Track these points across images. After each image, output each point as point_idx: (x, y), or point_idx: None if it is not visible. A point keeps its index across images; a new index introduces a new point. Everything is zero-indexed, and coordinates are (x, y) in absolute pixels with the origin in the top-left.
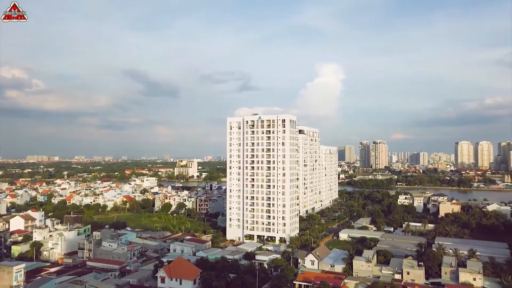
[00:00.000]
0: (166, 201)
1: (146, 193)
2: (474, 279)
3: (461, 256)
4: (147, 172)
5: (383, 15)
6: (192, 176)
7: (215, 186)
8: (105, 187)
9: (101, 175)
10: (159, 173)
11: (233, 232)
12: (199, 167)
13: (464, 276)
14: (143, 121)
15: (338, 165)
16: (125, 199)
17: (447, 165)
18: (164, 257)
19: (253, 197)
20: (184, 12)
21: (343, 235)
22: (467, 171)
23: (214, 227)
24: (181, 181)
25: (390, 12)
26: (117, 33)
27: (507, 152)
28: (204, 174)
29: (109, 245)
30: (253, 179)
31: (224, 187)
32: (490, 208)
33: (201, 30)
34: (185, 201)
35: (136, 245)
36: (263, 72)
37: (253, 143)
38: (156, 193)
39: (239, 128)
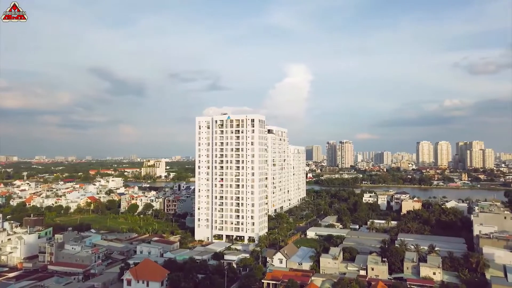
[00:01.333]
0: (133, 202)
1: (111, 194)
2: (434, 274)
3: (422, 251)
4: (113, 172)
5: (350, 18)
6: (160, 176)
7: (183, 186)
8: (68, 188)
9: (64, 175)
10: (126, 173)
11: (201, 232)
12: (167, 167)
13: (425, 271)
14: (108, 120)
15: (306, 165)
16: (89, 201)
17: (409, 164)
18: (131, 259)
19: (222, 196)
20: (152, 9)
21: (311, 233)
22: (428, 169)
23: (183, 228)
24: (149, 181)
25: (357, 15)
26: (82, 29)
27: (464, 151)
28: (172, 174)
29: (72, 248)
30: (222, 179)
31: (192, 187)
32: (449, 205)
33: (170, 28)
34: (153, 201)
35: (101, 247)
36: (233, 72)
37: (222, 143)
38: (122, 193)
39: (208, 128)
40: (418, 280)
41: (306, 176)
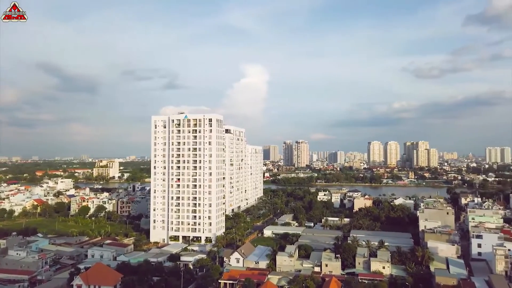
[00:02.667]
0: (84, 204)
1: (60, 196)
2: (384, 268)
3: (372, 247)
4: (62, 173)
5: (305, 21)
6: (113, 177)
7: (138, 187)
8: (11, 190)
9: (7, 177)
10: (76, 174)
11: (157, 234)
12: (121, 168)
13: (375, 265)
14: (57, 118)
15: (263, 164)
16: (35, 203)
17: (361, 163)
18: (81, 263)
19: (179, 197)
20: (103, 3)
21: (267, 232)
22: (378, 168)
23: (137, 230)
24: (101, 182)
25: (313, 18)
26: (30, 21)
27: (411, 151)
28: (126, 175)
29: (17, 253)
30: (178, 179)
31: (148, 188)
32: (397, 202)
33: (123, 24)
34: (105, 203)
35: (48, 252)
36: (190, 71)
37: (179, 143)
38: (72, 195)
39: (165, 127)
40: (369, 274)
41: (263, 176)
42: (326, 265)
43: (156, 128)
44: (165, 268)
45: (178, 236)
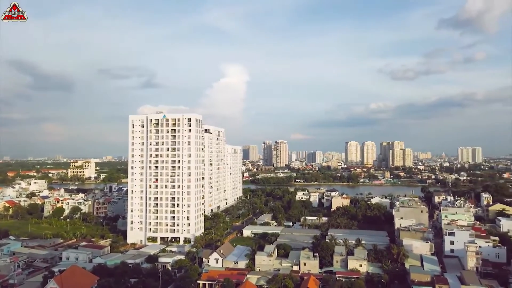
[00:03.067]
0: (58, 205)
1: (33, 197)
2: (360, 266)
3: (349, 245)
4: (35, 174)
5: (284, 22)
6: (89, 178)
7: (115, 188)
8: None
9: None
10: (50, 175)
11: (134, 235)
12: (97, 168)
13: (352, 263)
14: (30, 117)
15: (243, 164)
16: (7, 205)
17: (338, 163)
18: (56, 266)
19: (157, 197)
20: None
21: (247, 232)
22: (355, 168)
23: (114, 231)
24: (76, 183)
25: (293, 18)
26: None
27: (387, 151)
28: (103, 175)
29: None
30: (157, 179)
31: (125, 189)
32: (374, 201)
33: (99, 21)
34: (81, 204)
35: (21, 255)
36: (169, 70)
37: (157, 142)
38: (46, 197)
39: (143, 127)
40: (346, 272)
41: (243, 176)
42: (305, 264)
43: (133, 127)
44: (143, 269)
45: (156, 237)
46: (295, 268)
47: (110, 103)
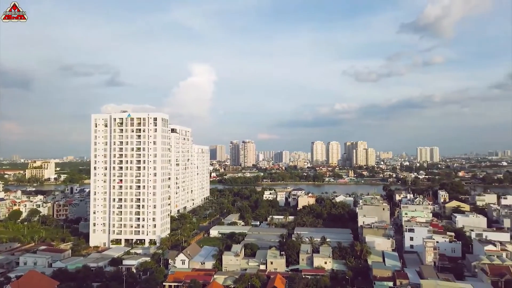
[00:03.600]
0: (15, 208)
1: None
2: (325, 263)
3: (315, 243)
4: None
5: (252, 21)
6: (49, 179)
7: (76, 189)
8: None
9: None
10: (6, 176)
11: (97, 238)
12: (58, 169)
13: (318, 261)
14: None
15: (210, 164)
16: None
17: (305, 162)
18: (12, 272)
19: (121, 199)
20: None
21: (214, 232)
22: (321, 167)
23: (76, 234)
24: (35, 184)
25: (260, 18)
26: None
27: (351, 150)
28: (63, 176)
29: None
30: (121, 180)
31: (87, 190)
32: (338, 199)
33: (61, 16)
34: (40, 207)
35: None
36: (134, 68)
37: (121, 142)
38: (2, 199)
39: (106, 126)
40: (311, 270)
41: (210, 176)
42: (271, 263)
43: (96, 127)
44: (106, 273)
45: (120, 239)
46: (262, 267)
47: (72, 101)
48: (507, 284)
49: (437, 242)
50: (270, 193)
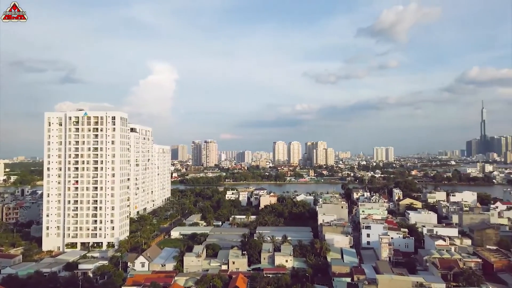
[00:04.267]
0: None
1: None
2: (287, 261)
3: (276, 242)
4: None
5: (215, 20)
6: None
7: (28, 191)
8: None
9: None
10: None
11: (51, 242)
12: (7, 169)
13: (279, 259)
14: None
15: (171, 164)
16: None
17: (267, 162)
18: None
19: (77, 201)
20: None
21: (175, 233)
22: (282, 167)
23: (27, 238)
24: None
25: (223, 18)
26: None
27: (312, 150)
28: (13, 177)
29: None
30: (77, 181)
31: (40, 192)
32: (299, 198)
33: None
34: None
35: None
36: (91, 65)
37: (77, 142)
38: None
39: (61, 125)
40: (273, 268)
41: (171, 176)
42: (233, 263)
43: (50, 125)
44: (61, 278)
45: (76, 243)
46: (224, 267)
47: (23, 99)
48: (455, 276)
49: (391, 238)
50: (233, 193)
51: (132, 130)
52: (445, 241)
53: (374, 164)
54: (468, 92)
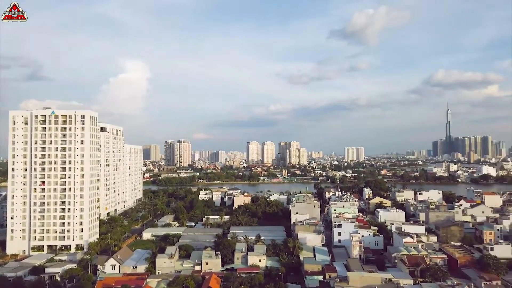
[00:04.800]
0: None
1: None
2: (260, 260)
3: (250, 241)
4: None
5: (190, 19)
6: None
7: None
8: None
9: None
10: None
11: (16, 245)
12: None
13: (252, 259)
14: None
15: (143, 164)
16: None
17: (240, 162)
18: None
19: (44, 202)
20: None
21: (147, 235)
22: (256, 167)
23: None
24: None
25: (197, 16)
26: None
27: (285, 150)
28: None
29: None
30: (43, 182)
31: (4, 193)
32: (272, 198)
33: None
34: None
35: None
36: (58, 62)
37: (44, 141)
38: None
39: (26, 124)
40: (246, 268)
41: (143, 176)
42: (207, 263)
43: (15, 124)
44: (26, 282)
45: (43, 246)
46: (197, 268)
47: None
48: (422, 272)
49: (362, 236)
50: (206, 193)
51: (102, 129)
52: (413, 238)
53: (346, 164)
54: (434, 94)
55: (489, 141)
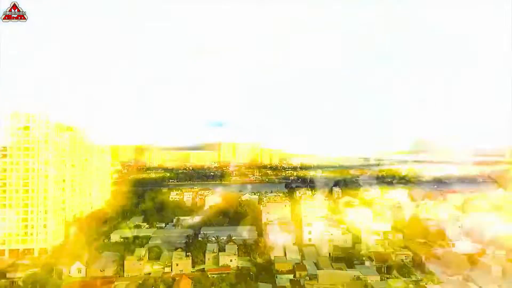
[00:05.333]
0: None
1: None
2: (231, 261)
3: (221, 242)
4: None
5: None
6: None
7: None
8: None
9: None
10: None
11: None
12: None
13: (223, 259)
14: None
15: (112, 165)
16: None
17: (212, 162)
18: None
19: (5, 205)
20: None
21: (115, 237)
22: (227, 167)
23: None
24: None
25: None
26: None
27: (256, 150)
28: None
29: None
30: (4, 184)
31: None
32: (244, 198)
33: None
34: None
35: None
36: None
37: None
38: None
39: None
40: (217, 268)
41: (112, 177)
42: (177, 265)
43: None
44: None
45: (4, 250)
46: (167, 269)
47: None
48: (389, 269)
49: (331, 234)
50: (177, 194)
51: (68, 128)
52: (380, 236)
53: (315, 163)
54: None
55: None
